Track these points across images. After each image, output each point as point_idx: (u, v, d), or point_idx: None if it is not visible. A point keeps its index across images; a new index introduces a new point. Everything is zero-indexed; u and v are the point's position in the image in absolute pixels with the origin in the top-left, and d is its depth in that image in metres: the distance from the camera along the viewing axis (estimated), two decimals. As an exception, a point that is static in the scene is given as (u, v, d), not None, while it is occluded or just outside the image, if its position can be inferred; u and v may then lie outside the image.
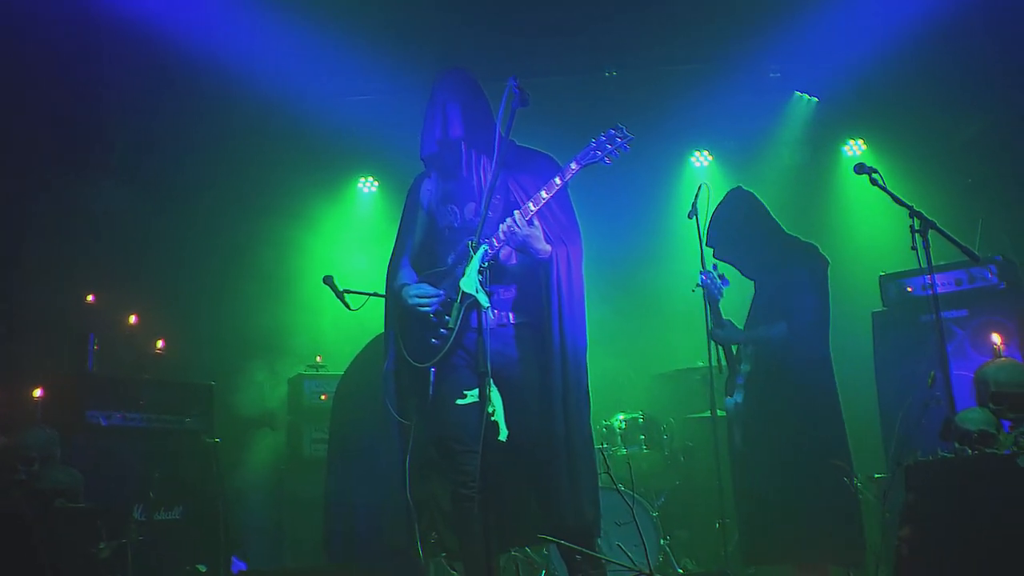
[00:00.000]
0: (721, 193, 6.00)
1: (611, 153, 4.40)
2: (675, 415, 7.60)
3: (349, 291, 6.04)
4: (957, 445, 4.35)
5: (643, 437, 7.15)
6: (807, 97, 8.77)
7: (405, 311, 4.61)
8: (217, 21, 7.50)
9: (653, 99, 8.34)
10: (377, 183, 9.51)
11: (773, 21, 7.82)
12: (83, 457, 5.60)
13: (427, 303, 4.54)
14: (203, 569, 5.59)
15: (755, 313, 5.80)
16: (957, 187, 7.76)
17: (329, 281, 6.04)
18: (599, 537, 4.53)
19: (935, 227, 4.69)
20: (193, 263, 8.23)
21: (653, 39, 8.17)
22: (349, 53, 7.96)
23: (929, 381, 4.58)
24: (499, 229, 4.46)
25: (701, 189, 6.01)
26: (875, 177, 4.83)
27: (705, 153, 9.18)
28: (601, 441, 6.99)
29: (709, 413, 6.28)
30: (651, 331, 8.53)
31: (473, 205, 4.65)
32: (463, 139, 4.66)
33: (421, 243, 4.83)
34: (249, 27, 7.57)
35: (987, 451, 4.13)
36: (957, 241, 4.69)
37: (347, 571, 6.04)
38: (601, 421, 7.09)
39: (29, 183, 7.23)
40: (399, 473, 4.61)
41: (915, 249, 4.70)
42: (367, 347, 6.22)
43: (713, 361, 6.04)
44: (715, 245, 5.85)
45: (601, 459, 4.47)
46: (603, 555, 4.45)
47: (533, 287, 4.61)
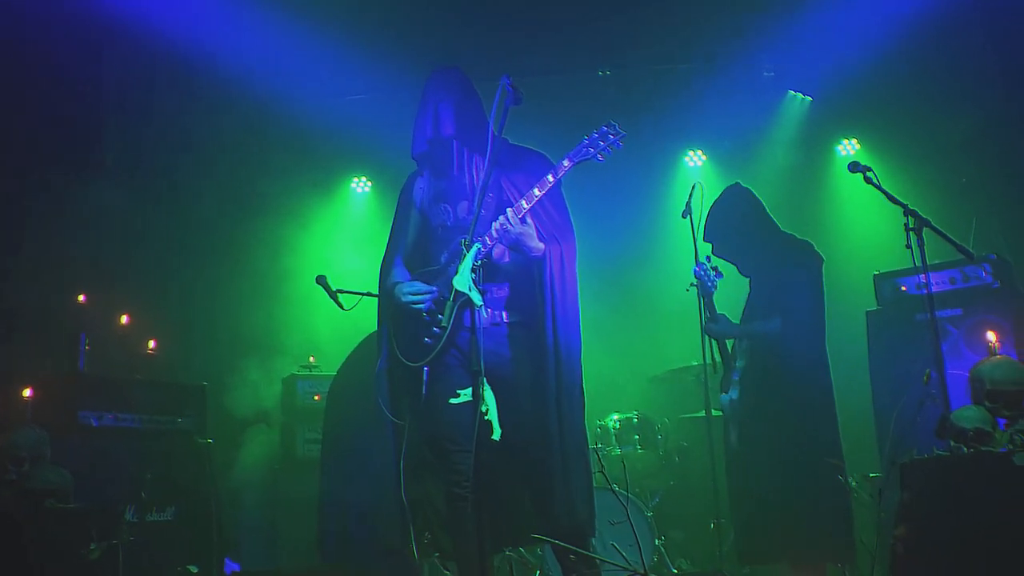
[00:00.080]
0: (715, 192, 5.99)
1: (604, 150, 4.39)
2: (669, 415, 7.59)
3: (342, 291, 6.03)
4: (953, 443, 4.34)
5: (637, 437, 7.13)
6: (801, 96, 8.76)
7: (398, 309, 4.59)
8: (211, 20, 7.47)
9: (647, 98, 8.35)
10: (370, 183, 9.49)
11: (767, 20, 7.81)
12: (75, 458, 5.54)
13: (420, 300, 4.52)
14: (194, 570, 5.56)
15: (750, 309, 5.79)
16: (951, 186, 7.75)
17: (322, 281, 6.02)
18: (593, 537, 4.51)
19: (929, 225, 4.67)
20: (185, 263, 8.20)
21: (647, 38, 8.16)
22: (343, 52, 7.93)
23: (925, 379, 4.57)
24: (492, 227, 4.44)
25: (695, 188, 6.00)
26: (869, 175, 4.82)
27: (699, 152, 9.16)
28: (595, 441, 6.96)
29: (704, 413, 6.27)
30: (645, 331, 8.51)
31: (466, 203, 4.63)
32: (455, 137, 4.64)
33: (414, 242, 4.81)
34: (243, 27, 7.55)
35: (983, 449, 4.12)
36: (951, 239, 4.68)
37: (341, 571, 6.02)
38: (595, 421, 7.07)
39: (21, 183, 7.19)
40: (393, 473, 4.59)
41: (909, 247, 4.68)
42: (359, 346, 6.20)
43: (707, 361, 6.04)
44: (712, 241, 5.85)
45: (595, 459, 4.44)
46: (597, 555, 4.43)
47: (526, 286, 4.59)
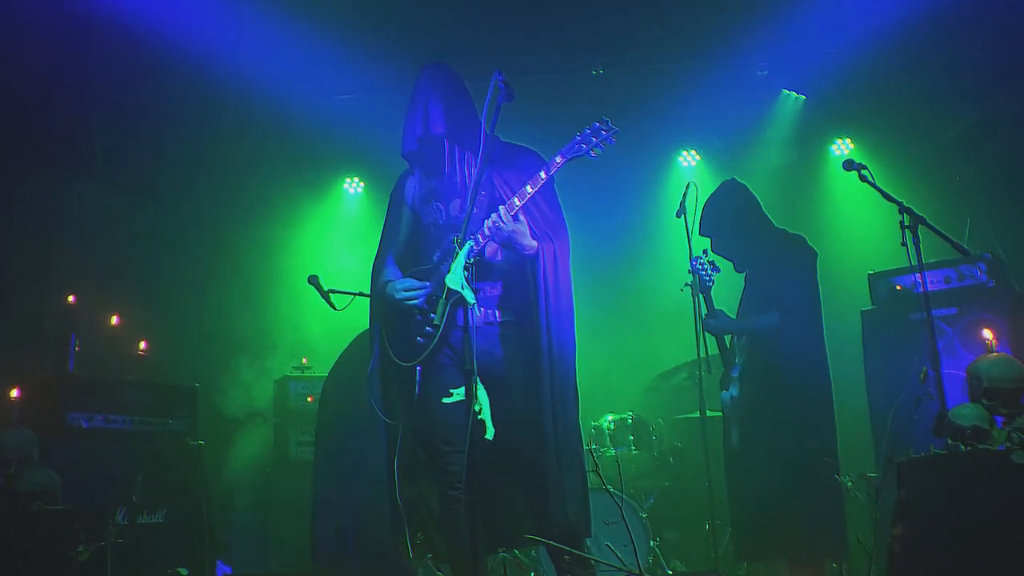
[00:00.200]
0: (709, 192, 5.99)
1: (596, 146, 4.35)
2: (664, 416, 7.57)
3: (334, 291, 5.99)
4: (950, 441, 4.32)
5: (632, 438, 7.10)
6: (795, 95, 8.73)
7: (391, 308, 4.55)
8: (201, 17, 7.43)
9: (640, 97, 8.31)
10: (363, 184, 9.45)
11: (761, 18, 7.79)
12: (64, 460, 5.51)
13: (414, 296, 4.48)
14: (185, 572, 5.51)
15: (746, 305, 5.79)
16: (945, 185, 7.73)
17: (314, 281, 5.99)
18: (588, 538, 4.48)
19: (925, 222, 4.65)
20: (176, 263, 8.16)
21: (640, 37, 8.14)
22: (335, 51, 7.89)
23: (921, 377, 4.54)
24: (484, 225, 4.40)
25: (689, 188, 6.04)
26: (864, 173, 4.80)
27: (693, 152, 9.14)
28: (590, 442, 6.93)
29: (698, 414, 6.25)
30: (639, 331, 8.49)
31: (458, 202, 4.59)
32: (445, 136, 4.60)
33: (406, 241, 4.77)
34: (235, 25, 7.51)
35: (981, 447, 4.10)
36: (947, 236, 4.65)
37: (333, 574, 5.97)
38: (590, 422, 7.04)
39: (9, 182, 7.15)
40: (386, 473, 4.55)
41: (905, 245, 4.65)
42: (351, 345, 6.16)
43: (703, 363, 6.02)
44: (708, 235, 5.85)
45: (590, 459, 4.40)
46: (592, 556, 4.39)
47: (519, 284, 4.56)
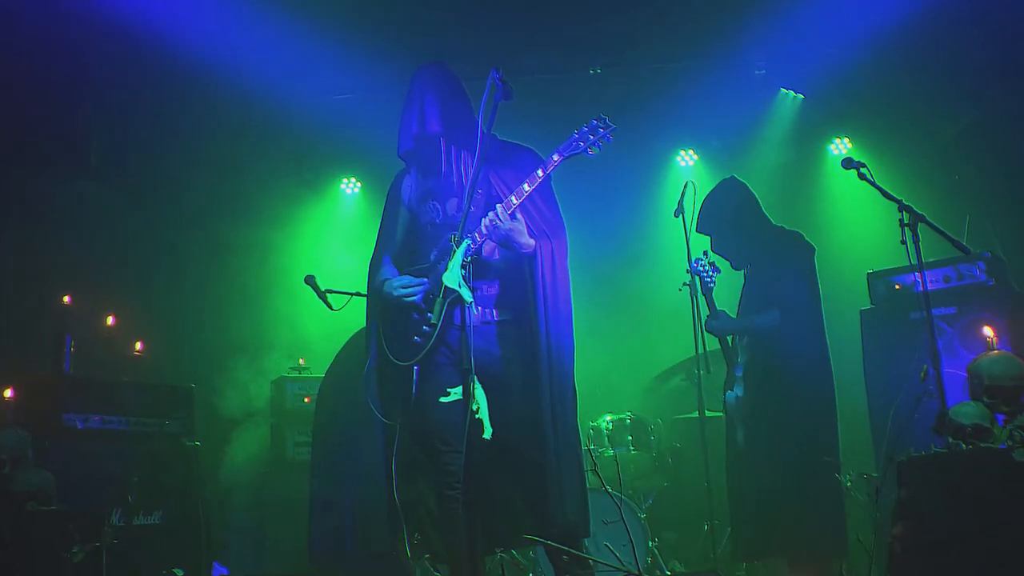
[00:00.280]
0: (707, 191, 5.97)
1: (594, 144, 4.33)
2: (663, 416, 7.54)
3: (331, 291, 5.97)
4: (951, 440, 4.29)
5: (631, 438, 7.08)
6: (793, 94, 8.71)
7: (389, 306, 4.53)
8: (199, 17, 7.40)
9: (638, 97, 8.29)
10: (360, 184, 9.42)
11: (759, 17, 7.77)
12: (60, 461, 5.48)
13: (412, 292, 4.46)
14: (180, 573, 5.48)
15: (746, 304, 5.78)
16: (944, 184, 7.71)
17: (311, 281, 5.97)
18: (587, 538, 4.45)
19: (924, 220, 4.63)
20: (172, 264, 8.13)
21: (638, 37, 8.13)
22: (333, 51, 7.88)
23: (921, 375, 4.52)
24: (481, 223, 4.38)
25: (687, 187, 6.01)
26: (863, 171, 4.78)
27: (690, 152, 9.11)
28: (588, 442, 6.91)
29: (697, 414, 6.22)
30: (637, 331, 8.46)
31: (455, 201, 4.57)
32: (441, 134, 4.58)
33: (403, 240, 4.75)
34: (231, 24, 7.47)
35: (982, 446, 4.08)
36: (947, 234, 4.63)
37: (331, 574, 5.94)
38: (588, 422, 7.01)
39: (4, 182, 7.12)
40: (383, 474, 4.53)
41: (904, 243, 4.63)
42: (348, 344, 6.13)
43: (701, 363, 6.01)
44: (706, 232, 5.84)
45: (589, 459, 4.38)
46: (590, 556, 4.37)
47: (517, 283, 4.54)
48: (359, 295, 5.71)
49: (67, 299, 6.39)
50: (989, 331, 5.21)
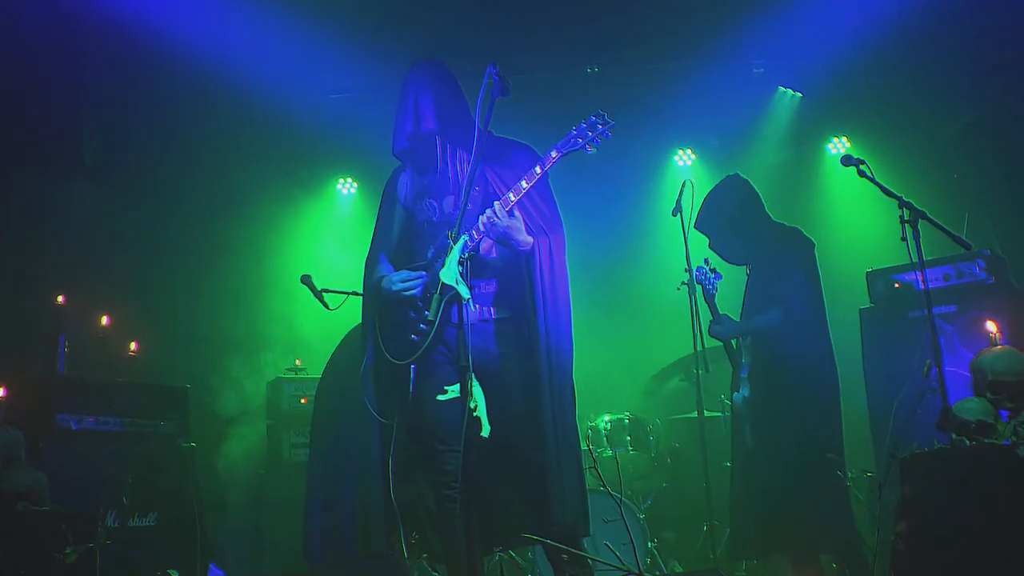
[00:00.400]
0: (705, 190, 5.95)
1: (592, 140, 4.29)
2: (661, 416, 7.51)
3: (327, 290, 5.93)
4: (954, 436, 4.25)
5: (629, 438, 7.05)
6: (791, 93, 8.68)
7: (387, 303, 4.51)
8: (195, 16, 7.37)
9: (636, 96, 8.24)
10: (356, 184, 9.39)
11: (756, 15, 7.74)
12: (55, 462, 5.44)
13: (411, 286, 4.42)
14: (175, 574, 5.44)
15: (749, 303, 5.74)
16: (942, 183, 7.68)
17: (307, 280, 5.92)
18: (586, 537, 4.41)
19: (925, 217, 4.59)
20: (167, 263, 8.10)
21: (635, 35, 8.10)
22: (330, 50, 7.85)
23: (924, 371, 4.48)
24: (479, 221, 4.35)
25: (685, 186, 5.98)
26: (863, 168, 4.74)
27: (688, 151, 9.08)
28: (587, 443, 6.86)
29: (695, 414, 6.19)
30: (635, 331, 8.43)
31: (452, 198, 4.55)
32: (436, 132, 4.56)
33: (399, 238, 4.73)
34: (227, 22, 7.45)
35: (986, 442, 4.04)
36: (947, 230, 4.60)
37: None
38: (586, 422, 6.98)
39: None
40: (380, 473, 4.49)
41: (904, 240, 4.59)
42: (344, 340, 6.08)
43: (700, 362, 5.98)
44: (703, 229, 5.80)
45: (588, 458, 4.34)
46: (590, 555, 4.33)
47: (514, 281, 4.51)
48: (355, 294, 5.67)
49: (61, 299, 6.33)
50: (992, 326, 5.17)
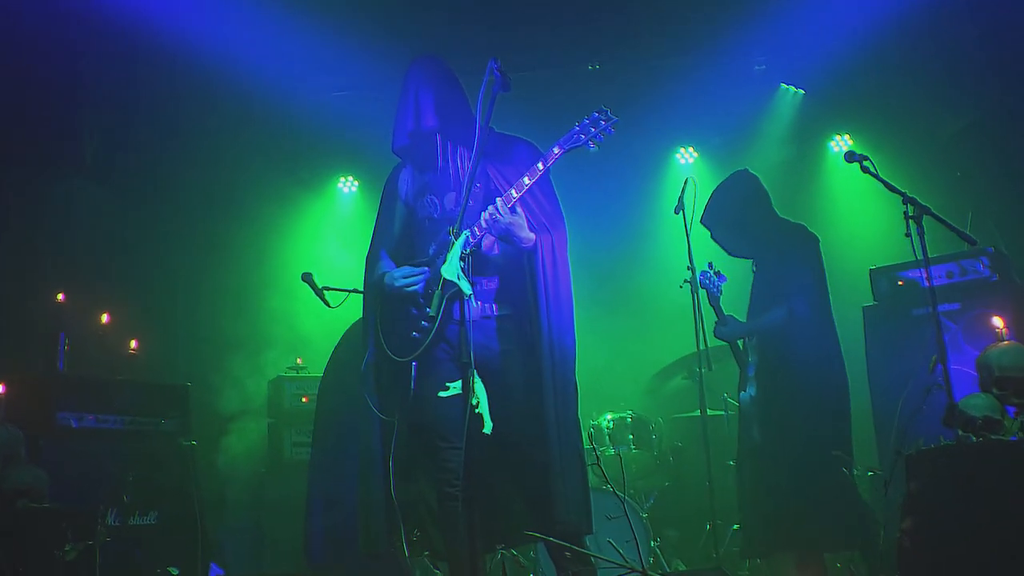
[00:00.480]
0: (707, 187, 5.93)
1: (595, 137, 4.27)
2: (664, 415, 7.48)
3: (328, 288, 5.91)
4: (961, 432, 4.22)
5: (632, 437, 7.03)
6: (793, 89, 8.64)
7: (388, 300, 4.48)
8: (195, 14, 7.35)
9: (637, 93, 8.20)
10: (357, 183, 9.36)
11: (758, 11, 7.70)
12: (54, 460, 5.42)
13: (414, 282, 4.40)
14: (175, 572, 5.42)
15: (755, 302, 5.71)
16: (946, 181, 7.65)
17: (308, 278, 5.91)
18: (589, 535, 4.38)
19: (930, 212, 4.55)
20: (168, 261, 8.07)
21: (637, 31, 8.06)
22: (329, 48, 7.81)
23: (930, 366, 4.45)
24: (481, 217, 4.33)
25: (687, 183, 5.97)
26: (866, 164, 4.71)
27: (690, 149, 9.05)
28: (589, 441, 6.84)
29: (698, 412, 6.16)
30: (637, 329, 8.40)
31: (453, 195, 4.53)
32: (437, 130, 4.54)
33: (400, 235, 4.71)
34: (227, 20, 7.43)
35: (992, 438, 4.01)
36: (952, 225, 4.56)
37: (329, 575, 5.87)
38: (588, 421, 6.95)
39: (-1, 179, 7.07)
40: (381, 471, 4.46)
41: (909, 236, 4.55)
42: (346, 335, 6.06)
43: (703, 361, 5.96)
44: (708, 224, 5.78)
45: (591, 455, 4.31)
46: (593, 553, 4.30)
47: (516, 278, 4.49)
48: (356, 292, 5.64)
49: (61, 297, 6.32)
50: (999, 322, 5.13)
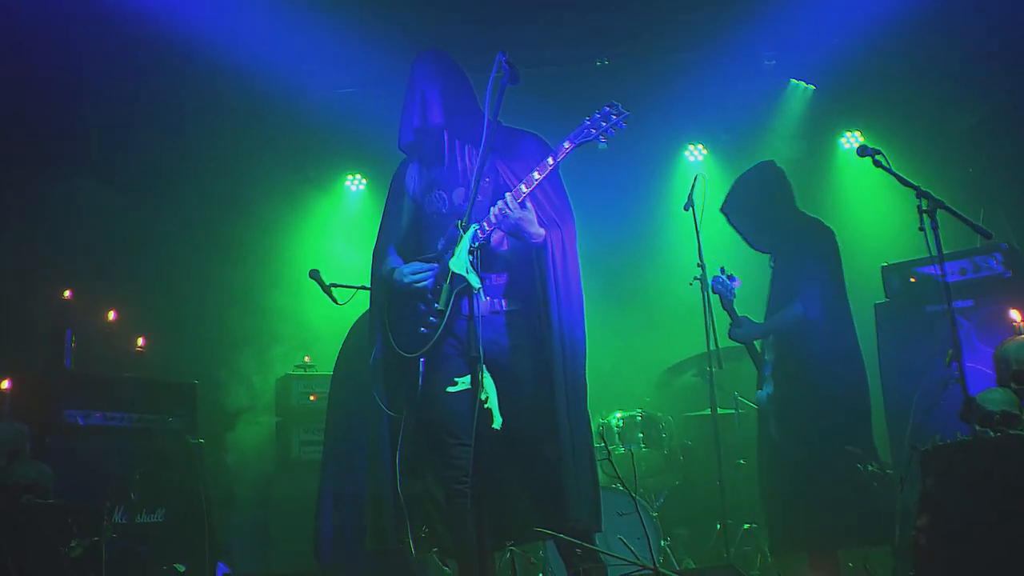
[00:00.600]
0: (716, 183, 5.93)
1: (606, 131, 4.25)
2: (674, 413, 7.44)
3: (336, 285, 5.88)
4: (978, 427, 4.17)
5: (641, 435, 6.99)
6: (804, 85, 8.59)
7: (397, 296, 4.45)
8: (201, 10, 7.34)
9: (646, 89, 8.14)
10: (365, 181, 9.33)
11: (767, 7, 7.66)
12: (61, 457, 5.39)
13: (423, 278, 4.36)
14: (181, 570, 5.40)
15: (773, 297, 5.68)
16: (957, 177, 7.60)
17: (315, 275, 5.89)
18: (599, 532, 4.34)
19: (944, 206, 4.51)
20: (175, 258, 8.03)
21: (645, 26, 8.03)
22: (335, 45, 7.79)
23: (947, 360, 4.41)
24: (490, 212, 4.29)
25: (697, 180, 5.97)
26: (879, 159, 4.66)
27: (700, 146, 8.99)
28: (598, 440, 6.79)
29: (709, 411, 6.13)
30: (647, 327, 8.35)
31: (462, 190, 4.50)
32: (444, 126, 4.50)
33: (408, 230, 4.67)
34: (233, 16, 7.41)
35: (1010, 433, 3.96)
36: (966, 218, 4.51)
37: (337, 574, 5.84)
38: (598, 419, 6.92)
39: (4, 177, 7.05)
40: (389, 468, 4.43)
41: (923, 230, 4.51)
42: (352, 330, 6.03)
43: (713, 360, 5.93)
44: (728, 212, 5.76)
45: (601, 454, 4.27)
46: (603, 550, 4.26)
47: (525, 273, 4.46)
48: (364, 288, 5.63)
49: (68, 294, 6.30)
50: (1017, 315, 5.07)
